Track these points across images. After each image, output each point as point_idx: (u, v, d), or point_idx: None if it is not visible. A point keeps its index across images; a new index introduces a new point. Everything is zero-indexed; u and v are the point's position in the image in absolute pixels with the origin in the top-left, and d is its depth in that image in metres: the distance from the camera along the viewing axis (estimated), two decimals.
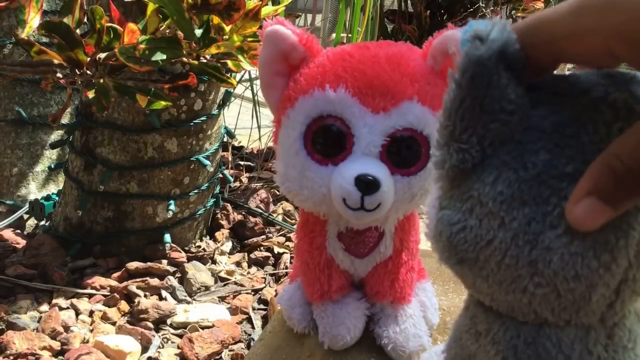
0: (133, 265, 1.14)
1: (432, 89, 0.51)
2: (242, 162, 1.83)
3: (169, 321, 1.01)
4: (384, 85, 0.50)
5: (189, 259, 1.21)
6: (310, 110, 0.52)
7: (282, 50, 0.53)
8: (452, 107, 0.32)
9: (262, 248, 1.31)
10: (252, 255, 1.27)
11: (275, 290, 1.12)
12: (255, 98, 1.65)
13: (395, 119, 0.50)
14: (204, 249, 1.27)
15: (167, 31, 0.77)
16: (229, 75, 0.87)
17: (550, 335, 0.35)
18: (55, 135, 1.44)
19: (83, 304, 1.03)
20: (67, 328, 0.95)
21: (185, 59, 0.76)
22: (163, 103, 0.77)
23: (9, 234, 1.26)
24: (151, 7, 0.71)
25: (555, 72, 0.34)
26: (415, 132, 0.51)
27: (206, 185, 1.29)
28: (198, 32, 0.75)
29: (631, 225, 0.31)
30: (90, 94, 0.73)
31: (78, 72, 0.71)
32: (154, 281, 1.10)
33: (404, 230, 0.59)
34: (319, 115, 0.52)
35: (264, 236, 1.34)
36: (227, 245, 1.31)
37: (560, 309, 0.33)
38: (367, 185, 0.49)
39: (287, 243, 1.32)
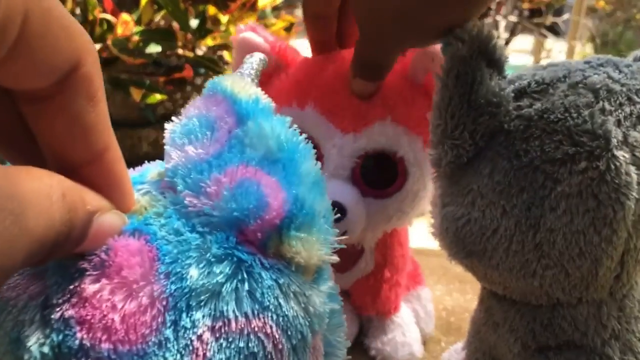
0: None
1: (409, 107, 0.47)
2: None
3: None
4: (354, 105, 0.46)
5: None
6: None
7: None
8: (441, 106, 0.33)
9: None
10: None
11: None
12: None
13: (365, 140, 0.46)
14: None
15: (162, 22, 0.75)
16: (225, 67, 0.84)
17: (565, 314, 0.36)
18: None
19: None
20: None
21: (180, 51, 0.74)
22: (158, 97, 0.75)
23: None
24: None
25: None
26: (388, 154, 0.47)
27: None
28: (194, 23, 0.72)
29: (627, 197, 0.32)
30: None
31: None
32: None
33: (386, 246, 0.56)
34: None
35: None
36: None
37: (571, 287, 0.35)
38: None
39: None
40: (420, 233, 0.60)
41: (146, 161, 0.23)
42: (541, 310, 0.37)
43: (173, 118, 0.22)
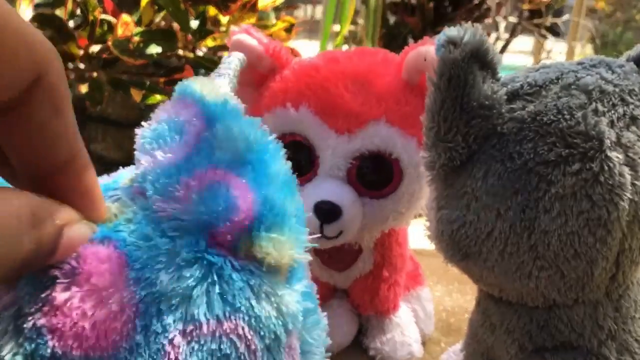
0: None
1: (403, 108, 0.48)
2: None
3: None
4: (348, 106, 0.47)
5: None
6: (274, 128, 0.47)
7: (247, 60, 0.51)
8: (434, 109, 0.33)
9: None
10: None
11: None
12: None
13: (360, 141, 0.47)
14: None
15: (162, 23, 0.74)
16: None
17: (561, 315, 0.36)
18: None
19: None
20: None
21: (180, 52, 0.74)
22: (159, 97, 0.75)
23: None
24: None
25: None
26: (383, 155, 0.47)
27: None
28: (194, 23, 0.72)
29: (621, 197, 0.32)
30: (84, 88, 0.72)
31: (71, 66, 0.69)
32: None
33: (384, 246, 0.56)
34: (283, 134, 0.49)
35: None
36: None
37: (566, 288, 0.35)
38: (326, 213, 0.46)
39: None
40: (420, 234, 0.61)
41: None
42: (537, 312, 0.37)
43: (143, 123, 0.22)
